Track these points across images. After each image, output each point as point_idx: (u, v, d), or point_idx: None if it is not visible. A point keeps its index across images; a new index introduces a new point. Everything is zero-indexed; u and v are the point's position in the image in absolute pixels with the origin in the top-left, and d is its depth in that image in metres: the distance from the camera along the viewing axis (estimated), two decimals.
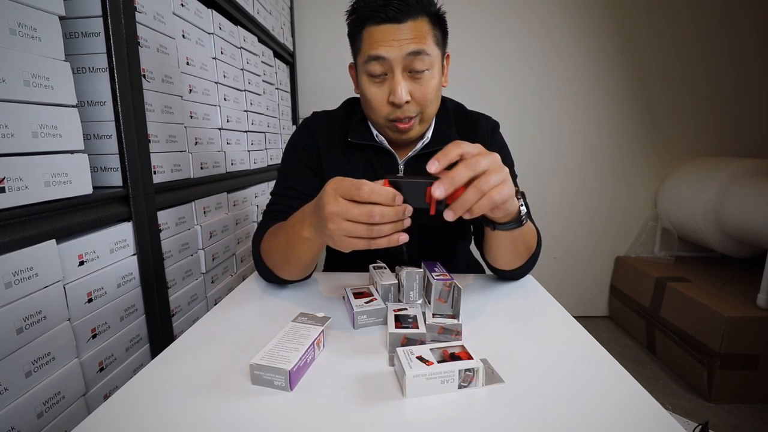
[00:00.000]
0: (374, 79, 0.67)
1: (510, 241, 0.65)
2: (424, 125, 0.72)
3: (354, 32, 0.69)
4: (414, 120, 0.69)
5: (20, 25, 0.50)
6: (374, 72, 0.66)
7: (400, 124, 0.69)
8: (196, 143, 0.97)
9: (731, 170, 1.72)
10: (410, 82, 0.66)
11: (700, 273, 1.82)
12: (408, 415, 0.39)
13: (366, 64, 0.66)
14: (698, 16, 1.92)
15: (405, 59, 0.64)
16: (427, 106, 0.69)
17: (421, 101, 0.67)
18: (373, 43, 0.65)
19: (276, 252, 0.65)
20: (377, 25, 0.64)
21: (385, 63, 0.65)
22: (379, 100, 0.68)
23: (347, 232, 0.48)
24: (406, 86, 0.65)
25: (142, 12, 0.76)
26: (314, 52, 1.94)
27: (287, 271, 0.67)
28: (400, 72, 0.65)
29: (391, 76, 0.66)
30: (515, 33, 1.94)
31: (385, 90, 0.67)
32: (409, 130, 0.70)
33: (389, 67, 0.65)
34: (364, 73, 0.68)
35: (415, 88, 0.66)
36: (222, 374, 0.45)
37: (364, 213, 0.46)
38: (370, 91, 0.68)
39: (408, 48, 0.63)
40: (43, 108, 0.53)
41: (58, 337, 0.56)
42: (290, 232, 0.60)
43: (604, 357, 0.49)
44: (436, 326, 0.51)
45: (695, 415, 1.40)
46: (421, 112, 0.69)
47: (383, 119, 0.70)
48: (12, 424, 0.48)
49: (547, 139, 2.04)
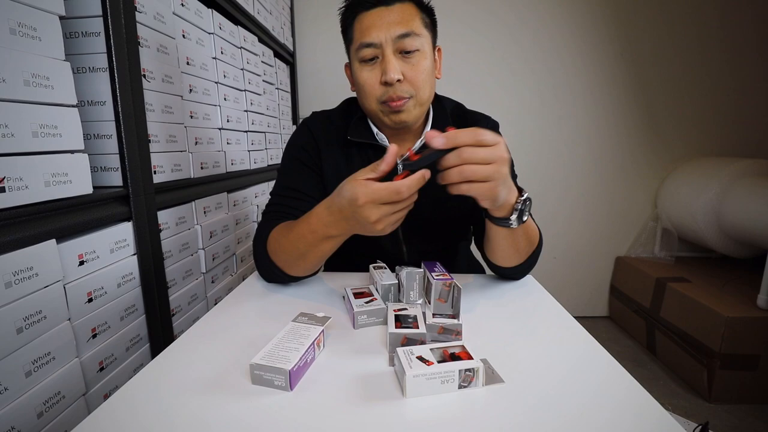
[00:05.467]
0: (366, 64, 0.69)
1: (509, 237, 0.65)
2: (418, 110, 0.72)
3: (346, 24, 0.72)
4: (407, 101, 0.69)
5: (20, 25, 0.50)
6: (366, 57, 0.68)
7: (392, 103, 0.69)
8: (196, 143, 0.97)
9: (731, 170, 1.72)
10: (401, 62, 0.68)
11: (700, 273, 1.82)
12: (408, 415, 0.39)
13: (358, 51, 0.69)
14: (698, 16, 1.92)
15: (395, 42, 0.66)
16: (420, 87, 0.69)
17: (413, 81, 0.68)
18: (363, 30, 0.67)
19: (290, 250, 0.66)
20: (367, 10, 0.67)
21: (376, 47, 0.67)
22: (371, 83, 0.69)
23: (395, 221, 0.54)
24: (397, 65, 0.67)
25: (142, 12, 0.76)
26: (314, 52, 1.94)
27: (301, 268, 0.68)
28: (390, 52, 0.67)
29: (383, 58, 0.67)
30: (515, 33, 1.94)
31: (377, 72, 0.68)
32: (401, 109, 0.69)
33: (380, 50, 0.67)
34: (356, 60, 0.70)
35: (406, 69, 0.68)
36: (222, 374, 0.45)
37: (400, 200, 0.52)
38: (363, 76, 0.70)
39: (397, 30, 0.66)
40: (43, 108, 0.53)
41: (58, 337, 0.56)
42: (310, 237, 0.62)
43: (604, 357, 0.49)
44: (436, 326, 0.51)
45: (695, 416, 1.40)
46: (414, 94, 0.69)
47: (376, 102, 0.70)
48: (12, 423, 0.48)
49: (547, 139, 2.04)
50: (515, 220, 0.61)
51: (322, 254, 0.64)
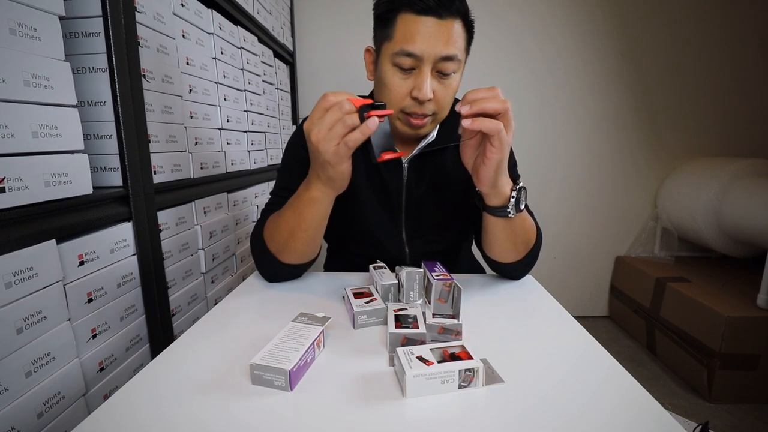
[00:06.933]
0: (401, 71, 0.66)
1: (507, 228, 0.66)
2: (434, 126, 0.72)
3: (385, 15, 0.65)
4: (428, 118, 0.69)
5: (20, 25, 0.50)
6: (404, 65, 0.64)
7: (414, 119, 0.68)
8: (196, 143, 0.97)
9: (731, 170, 1.72)
10: (435, 81, 0.65)
11: (700, 273, 1.82)
12: (408, 415, 0.39)
13: (396, 56, 0.64)
14: (698, 16, 1.92)
15: (437, 61, 0.63)
16: (443, 108, 0.69)
17: (440, 102, 0.67)
18: (409, 36, 0.62)
19: (282, 230, 0.67)
20: (416, 15, 0.62)
21: (416, 59, 0.64)
22: (400, 92, 0.66)
23: (336, 135, 0.56)
24: (431, 84, 0.65)
25: (142, 12, 0.76)
26: (314, 52, 1.94)
27: (293, 248, 0.68)
28: (429, 70, 0.64)
29: (419, 72, 0.64)
30: (515, 33, 1.94)
31: (410, 83, 0.66)
32: (421, 127, 0.70)
33: (419, 63, 0.64)
34: (390, 62, 0.66)
35: (438, 89, 0.66)
36: (222, 374, 0.45)
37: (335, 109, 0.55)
38: (393, 81, 0.66)
39: (443, 51, 0.62)
40: (43, 108, 0.53)
41: (58, 338, 0.56)
42: (296, 203, 0.66)
43: (604, 357, 0.49)
44: (436, 326, 0.51)
45: (695, 415, 1.40)
46: (436, 112, 0.69)
47: (398, 110, 0.69)
48: (12, 424, 0.48)
49: (547, 139, 2.04)
50: (512, 208, 0.63)
51: (308, 224, 0.66)
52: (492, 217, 0.66)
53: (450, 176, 0.77)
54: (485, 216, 0.68)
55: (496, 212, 0.64)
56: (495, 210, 0.64)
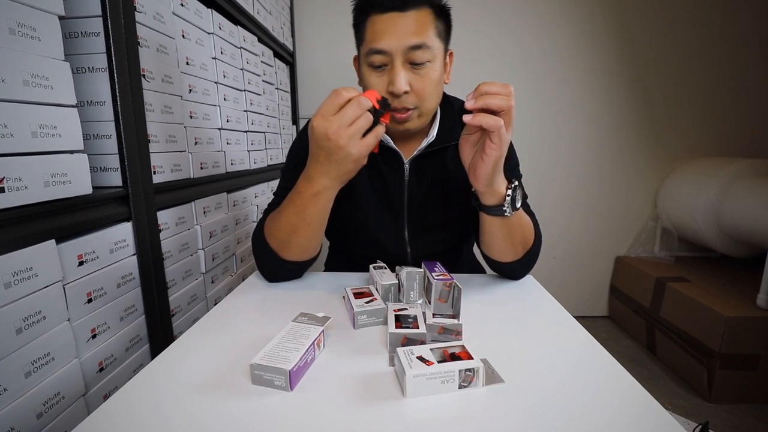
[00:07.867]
0: (375, 69, 0.68)
1: (504, 227, 0.66)
2: (422, 119, 0.72)
3: (358, 21, 0.70)
4: (411, 112, 0.69)
5: (20, 25, 0.50)
6: (375, 63, 0.67)
7: (396, 114, 0.69)
8: (196, 143, 0.97)
9: (731, 170, 1.72)
10: (410, 73, 0.66)
11: (700, 273, 1.82)
12: (408, 415, 0.39)
13: (368, 56, 0.67)
14: (698, 16, 1.92)
15: (406, 53, 0.65)
16: (425, 99, 0.68)
17: (419, 93, 0.67)
18: (375, 34, 0.65)
19: (284, 226, 0.67)
20: (381, 13, 0.65)
21: (386, 55, 0.65)
22: (378, 89, 0.68)
23: (356, 132, 0.56)
24: (405, 76, 0.65)
25: (142, 12, 0.76)
26: (314, 52, 1.94)
27: (295, 244, 0.68)
28: (400, 63, 0.65)
29: (391, 67, 0.66)
30: (515, 33, 1.94)
31: (385, 80, 0.67)
32: (405, 121, 0.70)
33: (390, 59, 0.66)
34: (365, 63, 0.69)
35: (414, 80, 0.66)
36: (222, 374, 0.45)
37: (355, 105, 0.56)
38: (370, 80, 0.69)
39: (409, 41, 0.64)
40: (43, 108, 0.53)
41: (57, 338, 0.56)
42: (297, 199, 0.65)
43: (604, 357, 0.49)
44: (437, 326, 0.51)
45: (695, 415, 1.40)
46: (419, 105, 0.69)
47: None
48: (12, 424, 0.48)
49: (547, 139, 2.04)
50: (508, 206, 0.63)
51: (311, 219, 0.65)
52: (488, 216, 0.66)
53: (451, 176, 0.77)
54: (482, 215, 0.68)
55: (492, 211, 0.64)
56: (491, 209, 0.64)
